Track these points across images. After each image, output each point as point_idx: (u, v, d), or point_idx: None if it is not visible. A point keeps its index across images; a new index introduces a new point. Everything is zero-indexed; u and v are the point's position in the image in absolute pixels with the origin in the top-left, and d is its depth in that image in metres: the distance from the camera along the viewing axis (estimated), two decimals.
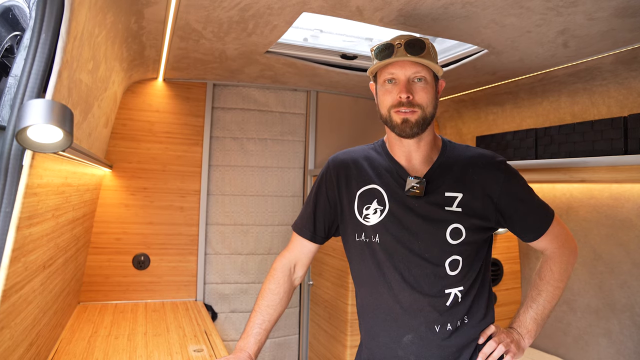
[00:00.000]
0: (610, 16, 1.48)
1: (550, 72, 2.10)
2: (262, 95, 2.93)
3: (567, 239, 1.29)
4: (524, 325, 1.26)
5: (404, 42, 1.17)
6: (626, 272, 2.09)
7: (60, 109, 0.94)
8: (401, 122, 1.17)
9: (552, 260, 1.28)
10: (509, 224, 1.25)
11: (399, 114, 1.17)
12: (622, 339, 2.11)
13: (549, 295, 1.27)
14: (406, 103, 1.16)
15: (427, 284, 1.18)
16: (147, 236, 2.65)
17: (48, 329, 1.64)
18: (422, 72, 1.18)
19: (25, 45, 1.03)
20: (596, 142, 1.87)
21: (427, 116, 1.18)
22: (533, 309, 1.27)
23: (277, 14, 1.66)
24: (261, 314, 1.27)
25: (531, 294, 1.29)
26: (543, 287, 1.27)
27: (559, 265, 1.27)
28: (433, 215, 1.18)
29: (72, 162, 1.52)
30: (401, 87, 1.17)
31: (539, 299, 1.27)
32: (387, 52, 1.19)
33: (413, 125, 1.17)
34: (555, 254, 1.28)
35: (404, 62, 1.17)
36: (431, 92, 1.19)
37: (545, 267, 1.29)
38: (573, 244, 1.31)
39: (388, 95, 1.20)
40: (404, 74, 1.17)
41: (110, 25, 1.49)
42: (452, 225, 1.17)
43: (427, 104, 1.18)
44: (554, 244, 1.27)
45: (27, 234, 1.11)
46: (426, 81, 1.18)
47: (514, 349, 1.22)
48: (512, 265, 2.82)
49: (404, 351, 1.19)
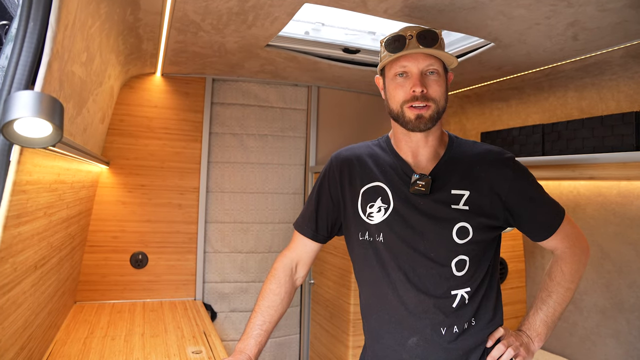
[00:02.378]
0: (624, 7, 1.42)
1: (558, 66, 2.04)
2: (263, 91, 2.87)
3: (578, 238, 1.24)
4: (534, 328, 1.21)
5: (416, 34, 1.13)
6: (635, 271, 2.04)
7: (49, 101, 0.89)
8: (415, 119, 1.14)
9: (562, 260, 1.23)
10: (518, 223, 1.20)
11: (413, 110, 1.13)
12: (631, 339, 2.07)
13: (559, 297, 1.21)
14: (420, 97, 1.12)
15: (432, 285, 1.14)
16: (145, 234, 2.60)
17: (41, 331, 1.59)
18: (435, 65, 1.14)
19: (13, 35, 0.98)
20: (606, 138, 1.82)
21: (440, 110, 1.15)
22: (543, 311, 1.22)
23: (278, 5, 1.60)
24: (262, 315, 1.24)
25: (541, 295, 1.24)
26: (553, 288, 1.22)
27: (570, 265, 1.22)
28: (439, 214, 1.14)
29: (66, 158, 1.47)
30: (415, 81, 1.13)
31: (549, 301, 1.22)
32: (398, 44, 1.15)
33: (427, 121, 1.14)
34: (566, 253, 1.23)
35: (416, 54, 1.14)
36: (443, 85, 1.16)
37: (555, 267, 1.24)
38: (585, 244, 1.26)
39: (400, 90, 1.15)
40: (416, 66, 1.14)
41: (104, 15, 1.44)
42: (458, 224, 1.13)
43: (440, 97, 1.15)
44: (564, 243, 1.22)
45: (16, 233, 1.06)
46: (439, 74, 1.15)
47: (523, 353, 1.17)
48: (517, 263, 2.78)
49: (409, 354, 1.15)
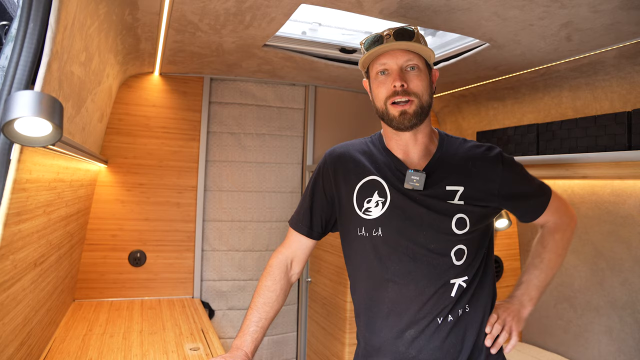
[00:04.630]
0: (616, 8, 1.44)
1: (552, 66, 2.06)
2: (260, 90, 2.89)
3: (566, 208, 1.33)
4: (527, 293, 1.27)
5: (393, 32, 1.17)
6: (627, 269, 2.07)
7: (49, 101, 0.91)
8: (399, 115, 1.15)
9: (554, 229, 1.31)
10: (511, 208, 1.28)
11: (396, 107, 1.16)
12: (623, 336, 2.10)
13: (551, 263, 1.29)
14: (401, 92, 1.14)
15: (432, 276, 1.16)
16: (143, 233, 2.62)
17: (40, 328, 1.61)
18: (414, 60, 1.17)
19: (13, 35, 0.99)
20: (599, 137, 1.84)
21: (424, 105, 1.17)
22: (536, 275, 1.28)
23: (275, 5, 1.62)
24: (258, 312, 1.24)
25: (534, 262, 1.30)
26: (545, 255, 1.29)
27: (561, 233, 1.30)
28: (437, 207, 1.16)
29: (65, 157, 1.48)
30: (395, 76, 1.15)
31: (541, 266, 1.29)
32: (376, 44, 1.18)
33: (412, 116, 1.15)
34: (557, 224, 1.31)
35: (395, 51, 1.16)
36: (425, 80, 1.18)
37: (547, 236, 1.31)
38: (571, 212, 1.34)
39: (382, 87, 1.18)
40: (395, 62, 1.16)
41: (103, 16, 1.45)
42: (457, 215, 1.16)
43: (423, 92, 1.16)
44: (554, 216, 1.30)
45: (16, 230, 1.07)
46: (419, 69, 1.17)
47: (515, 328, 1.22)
48: (512, 262, 2.80)
49: (406, 346, 1.17)
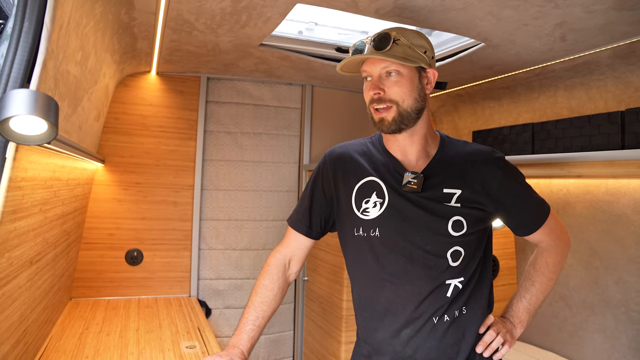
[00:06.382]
0: (609, 9, 1.46)
1: (547, 66, 2.08)
2: (257, 89, 2.89)
3: (561, 231, 1.31)
4: (517, 315, 1.29)
5: (372, 38, 1.15)
6: (621, 267, 2.08)
7: (44, 99, 0.91)
8: (378, 121, 1.17)
9: (547, 252, 1.30)
10: (506, 219, 1.25)
11: (376, 113, 1.17)
12: (617, 334, 2.11)
13: (542, 286, 1.29)
14: (376, 100, 1.15)
15: (428, 277, 1.16)
16: (140, 231, 2.62)
17: (37, 326, 1.61)
18: (392, 66, 1.14)
19: (8, 34, 0.99)
20: (593, 136, 1.85)
21: (406, 110, 1.15)
22: (526, 299, 1.29)
23: (271, 5, 1.62)
24: (254, 311, 1.25)
25: (525, 284, 1.31)
26: (537, 278, 1.29)
27: (554, 257, 1.29)
28: (433, 209, 1.17)
29: (61, 156, 1.49)
30: (371, 84, 1.16)
31: (532, 290, 1.29)
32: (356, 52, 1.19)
33: (390, 123, 1.15)
34: (551, 246, 1.29)
35: (374, 59, 1.15)
36: (406, 84, 1.15)
37: (540, 258, 1.30)
38: (567, 236, 1.33)
39: (365, 93, 1.19)
40: (373, 70, 1.16)
41: (99, 15, 1.45)
42: (453, 218, 1.16)
43: (403, 98, 1.14)
44: (549, 236, 1.28)
45: (12, 228, 1.08)
46: (400, 74, 1.14)
47: (509, 339, 1.24)
48: (508, 261, 2.82)
49: (402, 345, 1.18)
